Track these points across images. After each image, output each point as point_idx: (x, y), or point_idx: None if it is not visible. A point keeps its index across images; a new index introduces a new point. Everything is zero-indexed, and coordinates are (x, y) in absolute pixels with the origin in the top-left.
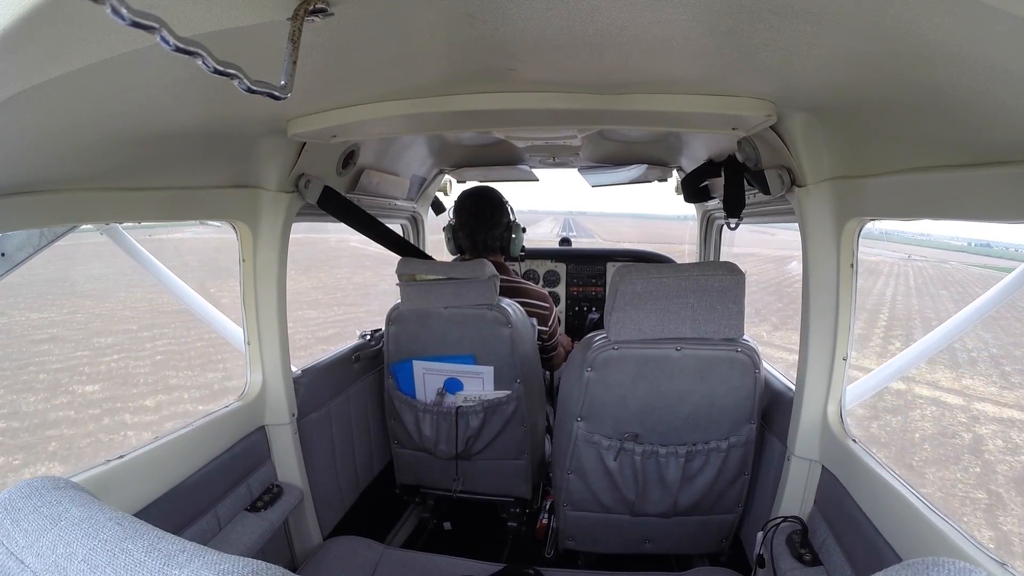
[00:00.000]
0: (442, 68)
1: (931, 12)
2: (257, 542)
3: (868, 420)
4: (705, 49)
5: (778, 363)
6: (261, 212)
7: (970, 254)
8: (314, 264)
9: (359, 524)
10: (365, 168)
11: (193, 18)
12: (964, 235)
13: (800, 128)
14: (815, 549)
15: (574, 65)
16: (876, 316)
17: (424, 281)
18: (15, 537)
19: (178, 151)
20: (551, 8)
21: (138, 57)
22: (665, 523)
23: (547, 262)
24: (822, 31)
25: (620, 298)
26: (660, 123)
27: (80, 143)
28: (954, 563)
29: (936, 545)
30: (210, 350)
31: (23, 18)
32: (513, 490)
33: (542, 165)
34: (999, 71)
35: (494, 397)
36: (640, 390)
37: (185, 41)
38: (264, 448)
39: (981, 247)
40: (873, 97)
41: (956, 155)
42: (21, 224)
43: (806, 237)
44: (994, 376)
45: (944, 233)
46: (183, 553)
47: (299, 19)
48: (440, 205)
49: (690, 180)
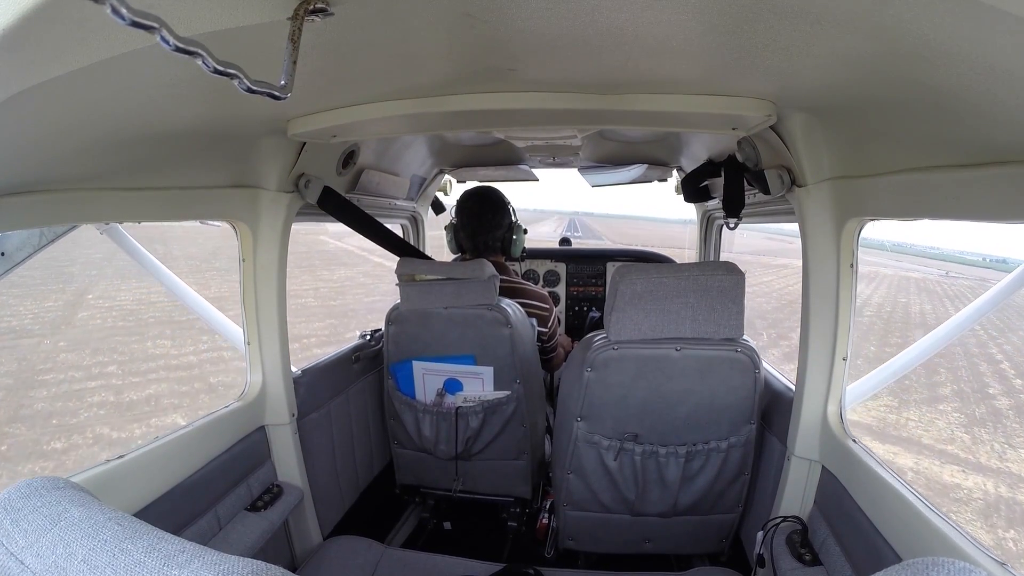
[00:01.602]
0: (442, 68)
1: (931, 12)
2: (257, 542)
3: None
4: (705, 49)
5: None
6: (261, 212)
7: (999, 271)
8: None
9: (359, 524)
10: (365, 168)
11: (193, 18)
12: (976, 250)
13: (800, 128)
14: (815, 549)
15: (574, 65)
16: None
17: (424, 281)
18: (15, 537)
19: (178, 151)
20: (551, 8)
21: (138, 57)
22: (665, 523)
23: (547, 262)
24: (822, 31)
25: (620, 298)
26: (660, 123)
27: (80, 143)
28: (954, 563)
29: (936, 545)
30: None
31: (23, 18)
32: (513, 490)
33: (542, 165)
34: (999, 71)
35: (494, 397)
36: (640, 390)
37: (185, 41)
38: (264, 448)
39: (997, 263)
40: (873, 97)
41: (956, 155)
42: (21, 224)
43: (806, 237)
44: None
45: (956, 248)
46: (183, 553)
47: (299, 19)
48: (440, 205)
49: (690, 180)
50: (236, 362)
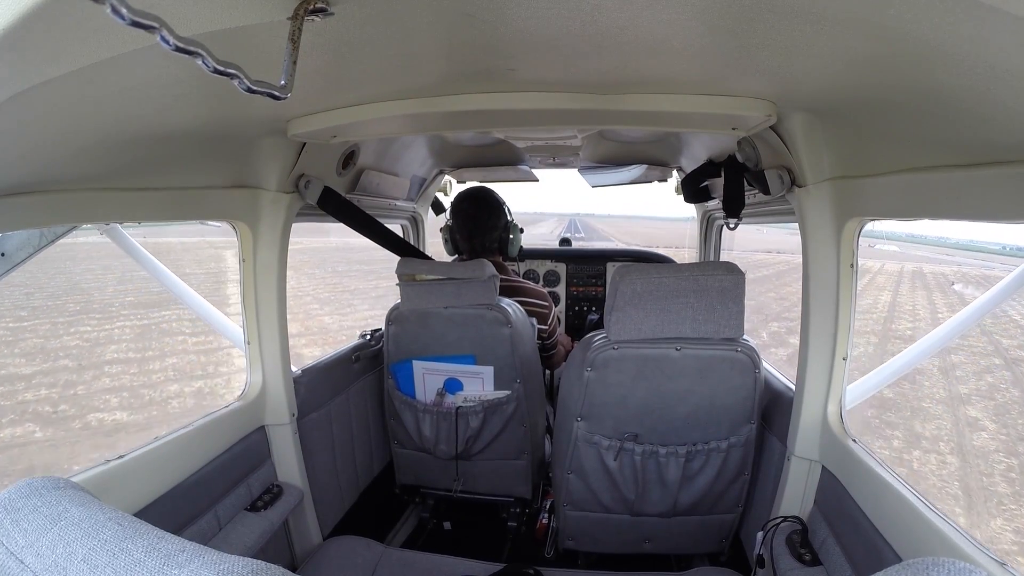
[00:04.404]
0: (442, 68)
1: (931, 12)
2: (257, 542)
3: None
4: (705, 49)
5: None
6: (261, 212)
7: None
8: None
9: (359, 524)
10: (365, 168)
11: (193, 18)
12: (1000, 239)
13: (800, 128)
14: (815, 549)
15: (574, 65)
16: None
17: (424, 281)
18: (15, 537)
19: (178, 151)
20: (551, 8)
21: (138, 57)
22: (665, 523)
23: (547, 262)
24: (822, 31)
25: (620, 298)
26: (660, 123)
27: (80, 143)
28: (954, 563)
29: (936, 545)
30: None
31: (23, 18)
32: (513, 490)
33: (542, 165)
34: (999, 71)
35: (494, 397)
36: (640, 390)
37: (185, 41)
38: (264, 448)
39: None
40: (873, 97)
41: (956, 155)
42: (21, 224)
43: (806, 237)
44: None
45: (987, 238)
46: (183, 553)
47: (299, 19)
48: (440, 205)
49: (690, 180)
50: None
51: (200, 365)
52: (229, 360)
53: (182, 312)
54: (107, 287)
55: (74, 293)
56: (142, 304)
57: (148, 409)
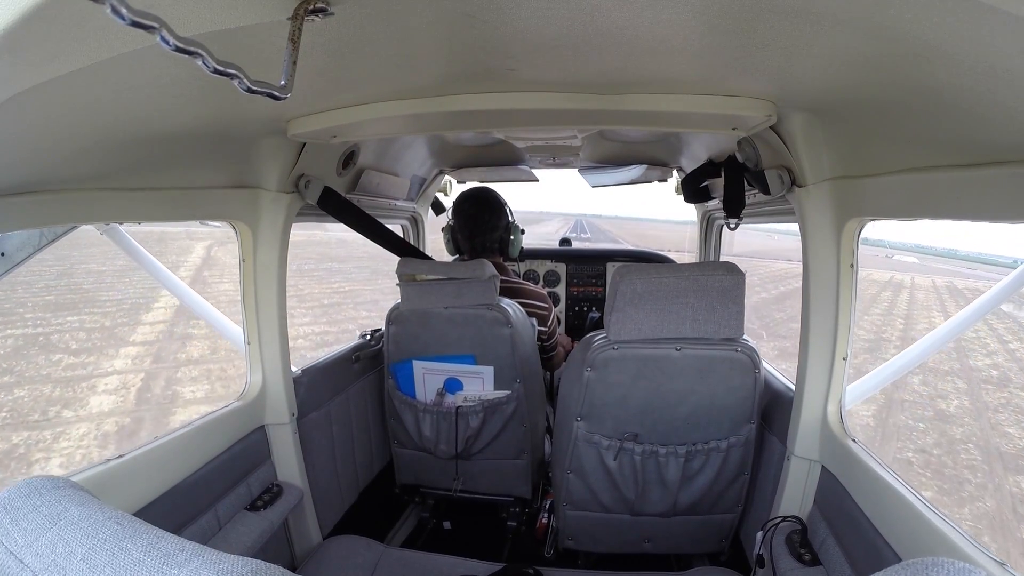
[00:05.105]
0: (442, 68)
1: (931, 12)
2: (257, 541)
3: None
4: (705, 49)
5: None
6: (261, 212)
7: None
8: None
9: (359, 524)
10: (365, 168)
11: (193, 18)
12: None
13: (800, 128)
14: (815, 549)
15: (574, 65)
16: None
17: (424, 281)
18: (14, 536)
19: (178, 151)
20: (551, 8)
21: (138, 57)
22: (665, 523)
23: (547, 262)
24: (822, 31)
25: (620, 298)
26: (660, 123)
27: (80, 143)
28: (954, 563)
29: (936, 545)
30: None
31: (23, 18)
32: (513, 490)
33: (542, 166)
34: (999, 71)
35: (494, 397)
36: (640, 390)
37: (185, 41)
38: (264, 448)
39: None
40: (873, 97)
41: (956, 155)
42: (21, 224)
43: (806, 237)
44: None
45: (995, 251)
46: (182, 552)
47: (299, 19)
48: (440, 205)
49: (690, 180)
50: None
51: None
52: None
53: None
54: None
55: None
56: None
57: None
